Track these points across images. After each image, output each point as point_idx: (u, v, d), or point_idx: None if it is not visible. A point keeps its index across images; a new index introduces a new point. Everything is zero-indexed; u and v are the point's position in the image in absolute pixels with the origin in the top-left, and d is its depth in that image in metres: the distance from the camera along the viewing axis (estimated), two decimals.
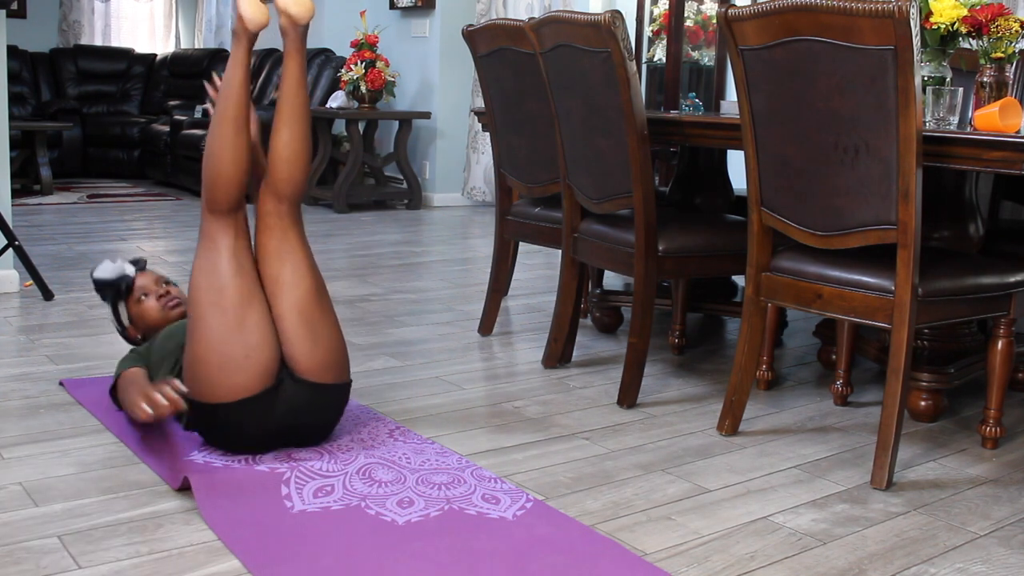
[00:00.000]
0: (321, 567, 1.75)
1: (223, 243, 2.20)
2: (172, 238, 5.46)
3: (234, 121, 2.20)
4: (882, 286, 2.21)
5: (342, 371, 2.29)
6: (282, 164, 2.26)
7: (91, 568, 1.73)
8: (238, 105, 2.20)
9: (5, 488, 2.05)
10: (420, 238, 5.84)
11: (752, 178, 2.41)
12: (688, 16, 5.44)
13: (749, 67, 2.32)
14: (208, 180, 2.21)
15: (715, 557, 1.85)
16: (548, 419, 2.61)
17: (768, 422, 2.64)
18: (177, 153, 7.45)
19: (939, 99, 2.41)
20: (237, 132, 2.20)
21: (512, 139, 3.30)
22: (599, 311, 3.59)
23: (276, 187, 2.27)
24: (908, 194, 2.10)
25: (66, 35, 9.20)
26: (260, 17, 2.22)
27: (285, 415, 2.21)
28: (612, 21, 2.50)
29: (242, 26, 2.22)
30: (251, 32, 2.23)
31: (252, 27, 2.22)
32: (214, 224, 2.21)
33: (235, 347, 2.14)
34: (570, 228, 2.99)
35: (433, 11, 7.06)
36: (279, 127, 2.27)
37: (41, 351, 3.08)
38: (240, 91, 2.21)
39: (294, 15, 2.25)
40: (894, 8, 1.98)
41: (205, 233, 2.22)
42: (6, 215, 3.78)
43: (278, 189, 2.27)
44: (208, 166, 2.22)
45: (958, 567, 1.85)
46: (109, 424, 2.43)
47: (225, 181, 2.20)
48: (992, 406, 2.46)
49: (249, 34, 2.23)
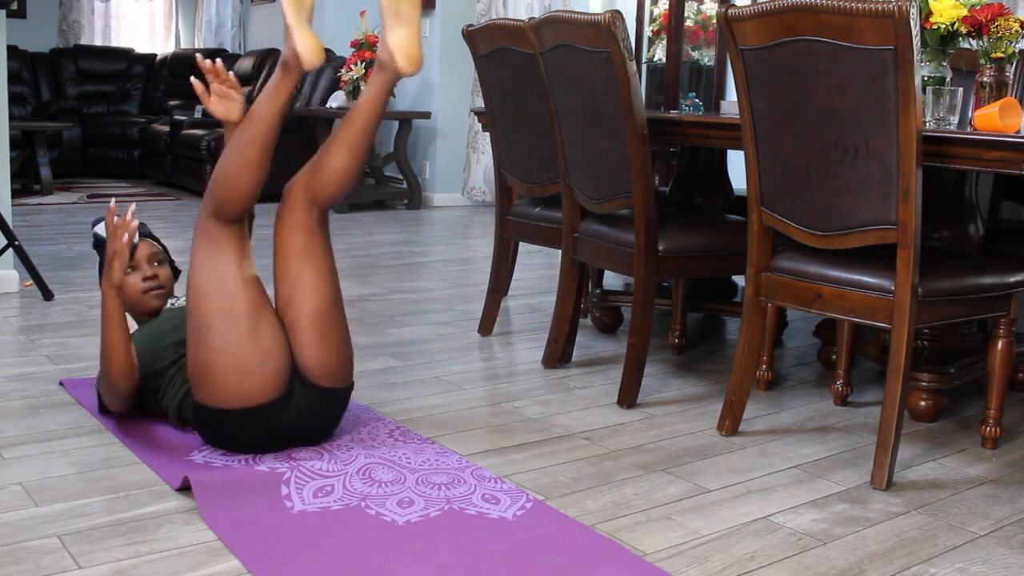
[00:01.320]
0: (321, 567, 1.75)
1: (228, 248, 2.19)
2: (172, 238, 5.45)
3: (262, 147, 2.19)
4: (882, 286, 2.21)
5: (349, 375, 2.31)
6: (333, 184, 2.25)
7: (91, 568, 1.73)
8: (270, 132, 2.20)
9: (5, 488, 2.05)
10: (420, 238, 5.84)
11: (752, 178, 2.41)
12: (688, 16, 5.44)
13: (749, 67, 2.32)
14: (222, 193, 2.19)
15: (715, 557, 1.85)
16: (548, 419, 2.61)
17: (768, 422, 2.64)
18: (177, 153, 7.46)
19: (939, 99, 2.41)
20: (262, 156, 2.20)
21: (512, 139, 3.30)
22: (599, 311, 3.59)
23: (318, 197, 2.25)
24: (908, 194, 2.10)
25: (66, 35, 9.20)
26: (317, 60, 2.21)
27: (296, 419, 2.22)
28: (612, 21, 2.50)
29: (296, 63, 2.21)
30: (303, 70, 2.22)
31: (307, 67, 2.21)
32: (219, 230, 2.20)
33: (250, 354, 2.14)
34: (570, 228, 2.99)
35: (433, 11, 7.06)
36: (341, 148, 2.25)
37: (41, 351, 3.08)
38: (275, 121, 2.20)
39: (400, 67, 2.24)
40: (894, 8, 1.98)
41: (207, 235, 2.21)
42: (6, 215, 3.78)
43: (319, 199, 2.25)
44: (226, 182, 2.19)
45: (958, 567, 1.85)
46: (109, 424, 2.43)
47: (240, 200, 2.19)
48: (992, 406, 2.46)
49: (301, 71, 2.22)
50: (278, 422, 2.20)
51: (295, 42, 2.20)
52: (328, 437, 2.36)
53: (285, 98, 2.22)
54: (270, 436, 2.22)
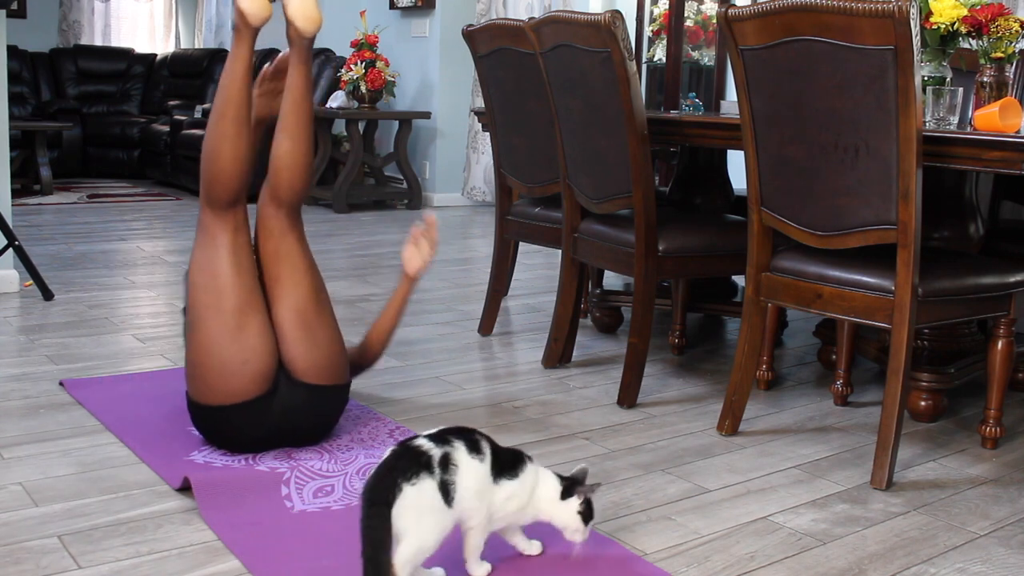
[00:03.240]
0: (321, 567, 1.75)
1: (222, 240, 2.19)
2: (172, 238, 5.46)
3: (235, 118, 2.18)
4: (882, 286, 2.21)
5: (340, 373, 2.29)
6: (284, 172, 2.26)
7: (91, 568, 1.73)
8: (239, 102, 2.18)
9: (5, 488, 2.05)
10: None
11: (752, 178, 2.41)
12: (688, 16, 5.44)
13: (749, 67, 2.32)
14: (207, 175, 2.19)
15: (715, 557, 1.85)
16: (548, 419, 2.61)
17: (768, 422, 2.64)
18: (177, 153, 7.45)
19: (939, 99, 2.41)
20: (238, 129, 2.18)
21: (512, 139, 3.30)
22: (599, 311, 3.59)
23: (277, 193, 2.27)
24: (908, 194, 2.10)
25: (66, 35, 9.20)
26: (261, 12, 2.19)
27: (282, 417, 2.21)
28: (612, 21, 2.50)
29: (243, 21, 2.19)
30: (253, 27, 2.20)
31: (254, 22, 2.19)
32: (213, 220, 2.20)
33: (233, 353, 2.14)
34: (570, 228, 2.99)
35: (433, 11, 7.06)
36: (281, 136, 2.26)
37: (41, 351, 3.08)
38: (241, 87, 2.18)
39: (300, 28, 2.24)
40: (894, 8, 1.98)
41: (204, 228, 2.21)
42: (6, 215, 3.78)
43: (278, 196, 2.27)
44: (207, 161, 2.20)
45: (958, 567, 1.85)
46: (109, 424, 2.43)
47: (225, 177, 2.18)
48: (992, 406, 2.46)
49: (251, 29, 2.20)
50: (263, 419, 2.19)
51: (239, 1, 2.18)
52: (327, 435, 2.35)
53: (245, 65, 2.19)
54: (258, 433, 2.21)
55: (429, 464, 1.59)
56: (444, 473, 1.60)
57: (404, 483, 1.56)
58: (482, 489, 1.65)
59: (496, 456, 1.69)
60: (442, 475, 1.59)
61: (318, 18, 2.26)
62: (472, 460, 1.64)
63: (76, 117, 8.19)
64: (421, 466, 1.58)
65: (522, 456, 1.74)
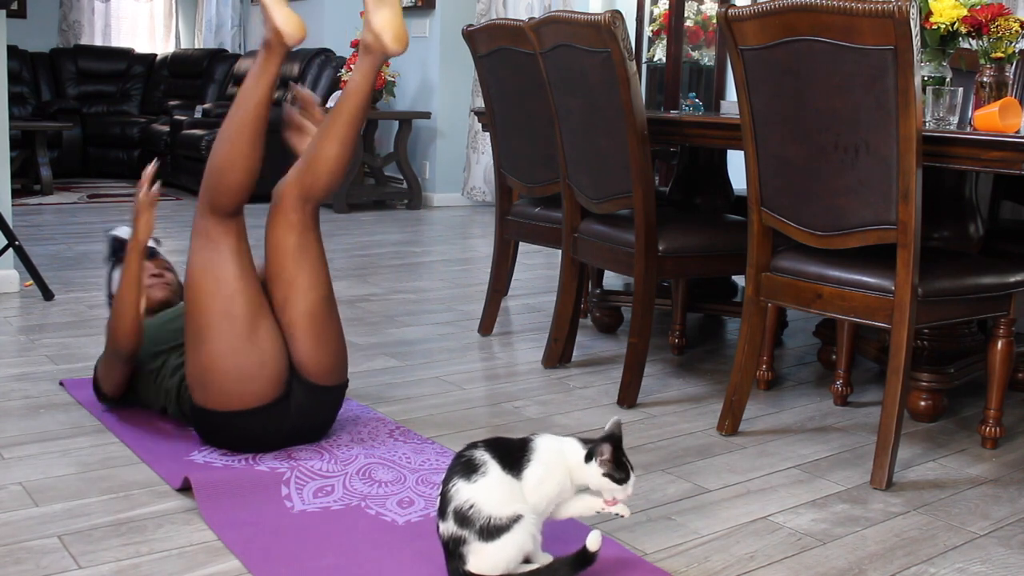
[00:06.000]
0: (321, 567, 1.75)
1: (226, 245, 2.18)
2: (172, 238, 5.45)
3: (252, 133, 2.17)
4: (882, 286, 2.21)
5: (343, 372, 2.31)
6: (325, 175, 2.22)
7: (91, 568, 1.73)
8: (258, 118, 2.17)
9: (5, 488, 2.05)
10: (420, 238, 5.84)
11: (752, 178, 2.41)
12: (688, 16, 5.44)
13: (749, 67, 2.32)
14: (217, 186, 2.17)
15: (715, 557, 1.85)
16: (548, 419, 2.61)
17: (768, 422, 2.64)
18: (177, 153, 7.45)
19: (939, 99, 2.41)
20: (254, 143, 2.18)
21: (512, 139, 3.30)
22: (599, 311, 3.59)
23: (311, 192, 2.23)
24: (908, 194, 2.10)
25: (66, 35, 9.20)
26: (297, 32, 2.17)
27: (296, 418, 2.22)
28: (612, 21, 2.50)
29: (278, 39, 2.17)
30: (287, 47, 2.18)
31: (290, 42, 2.17)
32: (216, 226, 2.19)
33: (249, 357, 2.13)
34: (570, 228, 2.99)
35: (433, 11, 7.06)
36: (331, 139, 2.22)
37: (41, 351, 3.08)
38: (263, 104, 2.17)
39: (387, 44, 2.21)
40: (894, 8, 1.98)
41: (203, 233, 2.20)
42: (6, 215, 3.78)
43: (312, 194, 2.23)
44: (218, 173, 2.18)
45: (958, 567, 1.85)
46: (109, 424, 2.43)
47: (236, 189, 2.17)
48: (992, 406, 2.46)
49: (284, 48, 2.18)
50: (282, 422, 2.20)
51: (275, 19, 2.16)
52: (325, 435, 2.36)
53: (271, 80, 2.18)
54: (275, 436, 2.22)
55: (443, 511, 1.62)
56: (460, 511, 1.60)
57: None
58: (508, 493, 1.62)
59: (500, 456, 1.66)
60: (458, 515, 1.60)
61: (405, 38, 2.22)
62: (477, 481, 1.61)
63: (76, 117, 8.20)
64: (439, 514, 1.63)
65: (525, 439, 1.69)
